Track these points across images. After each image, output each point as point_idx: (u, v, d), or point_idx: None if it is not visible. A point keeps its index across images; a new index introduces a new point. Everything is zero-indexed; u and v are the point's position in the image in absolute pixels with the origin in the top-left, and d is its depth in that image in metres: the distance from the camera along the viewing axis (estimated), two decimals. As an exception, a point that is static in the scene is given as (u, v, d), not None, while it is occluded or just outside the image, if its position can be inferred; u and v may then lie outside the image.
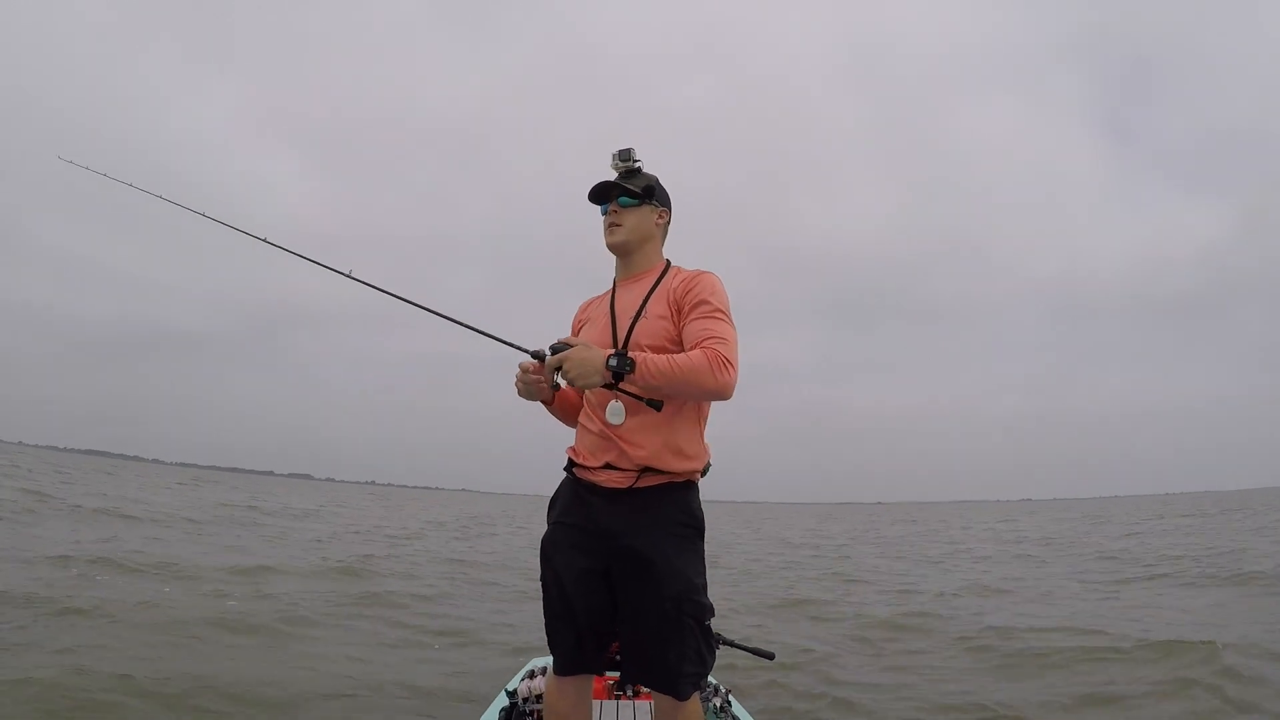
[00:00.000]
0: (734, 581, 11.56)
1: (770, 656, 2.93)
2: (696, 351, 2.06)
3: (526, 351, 2.23)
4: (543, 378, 2.23)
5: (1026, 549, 19.41)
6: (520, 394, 2.30)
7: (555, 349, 2.10)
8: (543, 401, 2.37)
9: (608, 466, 2.20)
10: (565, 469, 2.36)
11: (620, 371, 2.03)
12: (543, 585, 2.29)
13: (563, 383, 2.12)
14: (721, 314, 2.17)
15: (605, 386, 2.12)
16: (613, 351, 2.07)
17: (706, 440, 2.32)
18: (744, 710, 3.21)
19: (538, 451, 2.50)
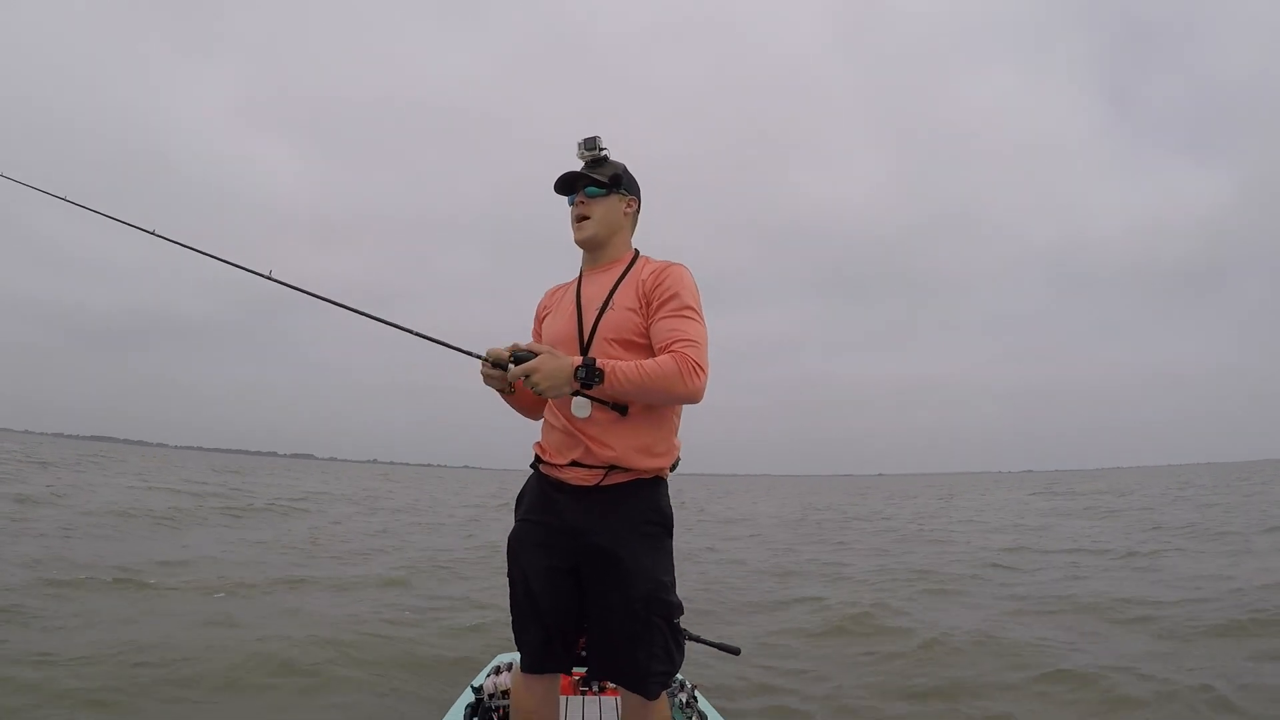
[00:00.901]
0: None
1: (736, 652, 2.92)
2: (666, 357, 2.02)
3: (478, 356, 2.15)
4: (500, 374, 2.14)
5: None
6: (485, 382, 2.21)
7: (519, 358, 2.03)
8: (499, 391, 2.28)
9: (574, 464, 2.15)
10: (531, 465, 2.31)
11: (589, 382, 1.99)
12: (509, 582, 2.26)
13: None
14: (692, 311, 2.11)
15: (572, 394, 2.06)
16: (580, 362, 2.00)
17: (678, 437, 2.26)
18: (710, 706, 3.20)
19: (534, 426, 2.45)
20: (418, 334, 2.30)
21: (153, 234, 2.70)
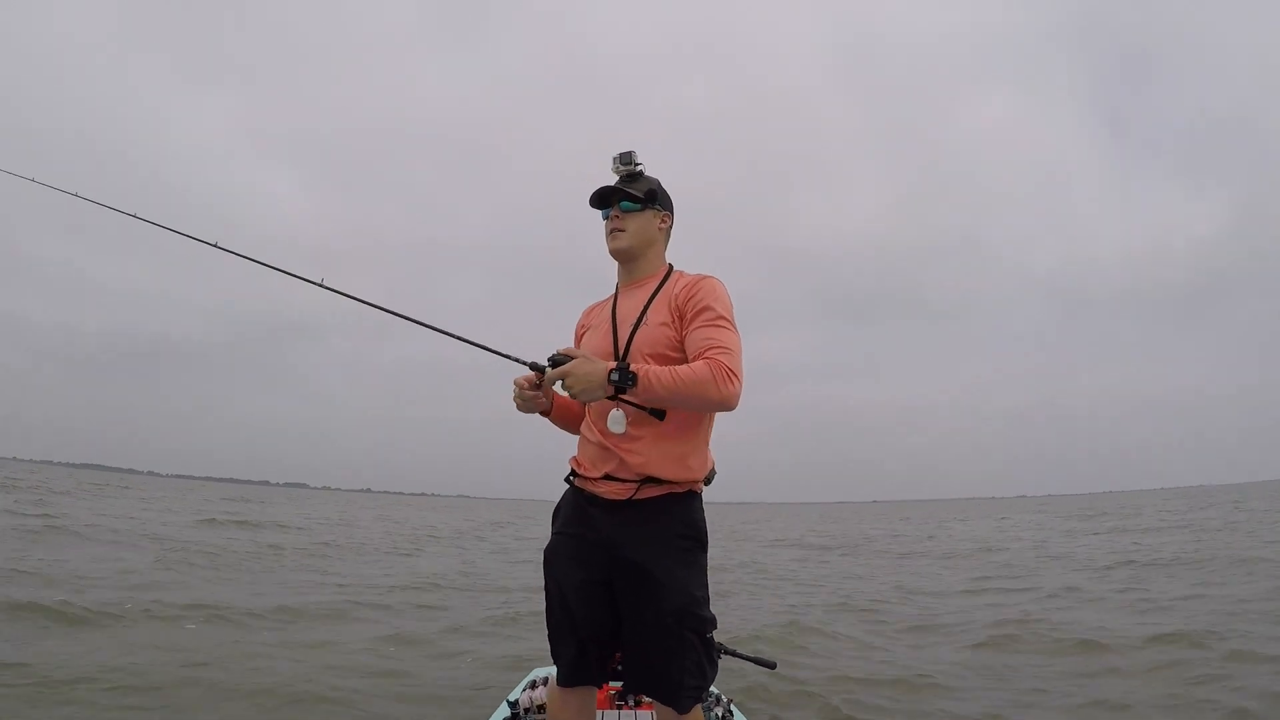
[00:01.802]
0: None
1: (772, 666, 2.91)
2: (700, 363, 2.03)
3: (523, 363, 2.18)
4: (540, 393, 2.19)
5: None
6: (519, 409, 2.26)
7: (555, 361, 2.06)
8: (541, 413, 2.34)
9: (608, 478, 2.18)
10: (567, 479, 2.34)
11: (622, 386, 2.00)
12: (545, 595, 2.28)
13: (563, 393, 2.09)
14: (725, 321, 2.13)
15: (608, 399, 2.08)
16: (614, 365, 2.02)
17: (710, 448, 2.29)
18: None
19: (534, 456, 2.46)
20: (473, 343, 2.30)
21: (214, 245, 2.74)
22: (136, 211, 2.98)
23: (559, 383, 2.06)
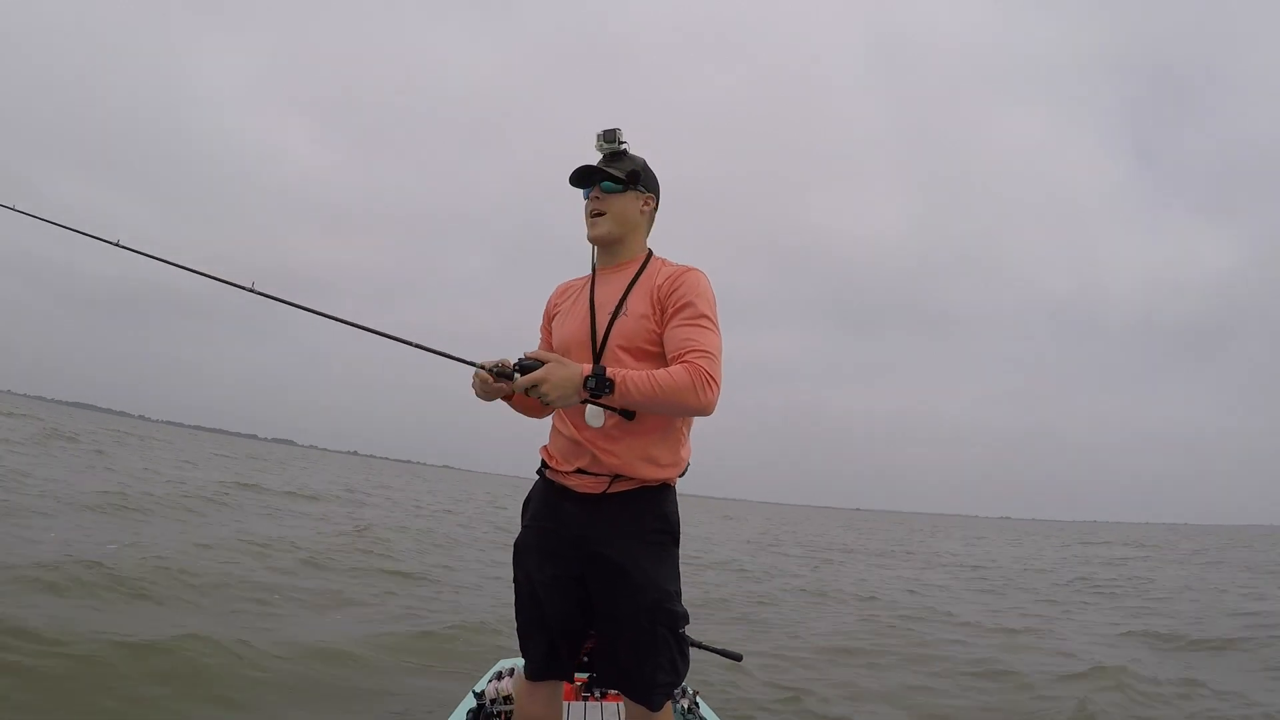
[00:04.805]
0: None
1: (738, 658, 2.93)
2: (679, 368, 1.97)
3: (484, 368, 2.08)
4: (503, 387, 2.10)
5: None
6: (478, 396, 2.15)
7: (525, 367, 1.99)
8: (504, 399, 2.24)
9: (580, 471, 2.14)
10: (538, 471, 2.30)
11: (599, 392, 1.95)
12: (515, 588, 2.26)
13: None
14: (707, 320, 2.07)
15: (581, 402, 2.03)
16: (590, 372, 1.96)
17: (690, 441, 2.24)
18: (711, 712, 3.21)
19: (516, 432, 2.39)
20: (411, 343, 2.22)
21: (115, 244, 2.58)
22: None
23: (532, 391, 1.97)
